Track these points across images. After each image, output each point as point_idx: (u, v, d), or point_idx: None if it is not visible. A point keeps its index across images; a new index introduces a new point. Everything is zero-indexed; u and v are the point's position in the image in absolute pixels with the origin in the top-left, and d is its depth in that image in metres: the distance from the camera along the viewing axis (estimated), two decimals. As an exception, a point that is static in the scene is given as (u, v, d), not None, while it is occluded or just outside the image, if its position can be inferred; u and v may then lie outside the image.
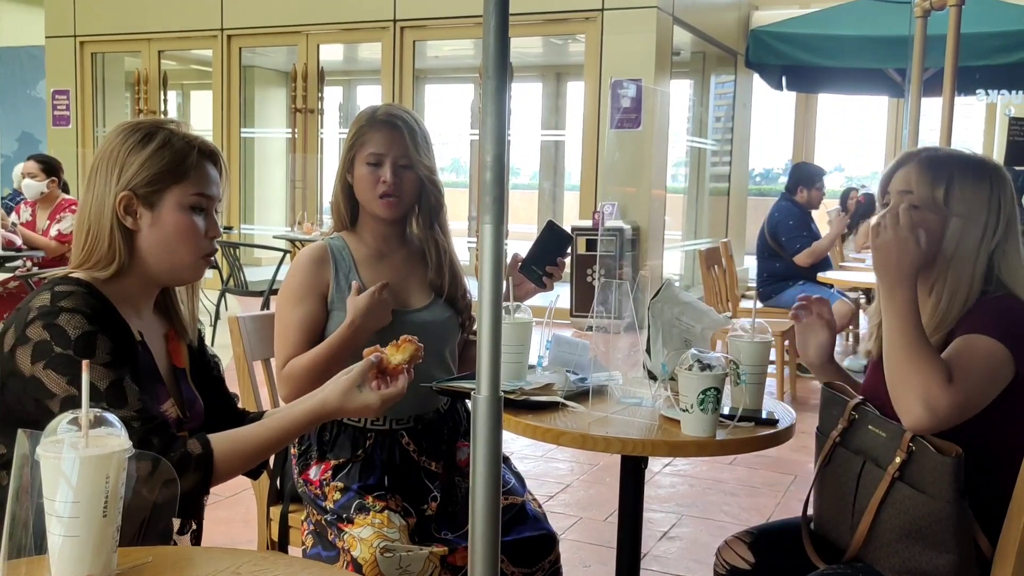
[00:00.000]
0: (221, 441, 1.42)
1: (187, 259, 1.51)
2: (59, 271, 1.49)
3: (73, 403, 1.32)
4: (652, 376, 1.93)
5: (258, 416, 1.60)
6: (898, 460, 1.57)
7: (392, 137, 2.02)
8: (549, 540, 2.04)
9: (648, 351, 1.94)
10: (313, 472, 2.00)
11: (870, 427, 1.66)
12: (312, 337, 2.00)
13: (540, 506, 2.13)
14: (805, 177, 6.06)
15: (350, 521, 1.87)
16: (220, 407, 1.66)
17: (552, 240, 2.04)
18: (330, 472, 1.98)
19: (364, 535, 1.82)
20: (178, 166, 1.48)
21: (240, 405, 1.75)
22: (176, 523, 1.49)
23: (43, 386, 1.36)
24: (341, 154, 2.09)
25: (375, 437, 2.01)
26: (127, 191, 1.46)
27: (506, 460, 2.10)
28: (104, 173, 1.48)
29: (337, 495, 1.94)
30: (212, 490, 1.44)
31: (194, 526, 1.59)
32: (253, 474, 1.60)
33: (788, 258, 5.83)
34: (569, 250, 2.11)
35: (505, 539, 1.94)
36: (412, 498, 1.99)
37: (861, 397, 1.72)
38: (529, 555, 2.00)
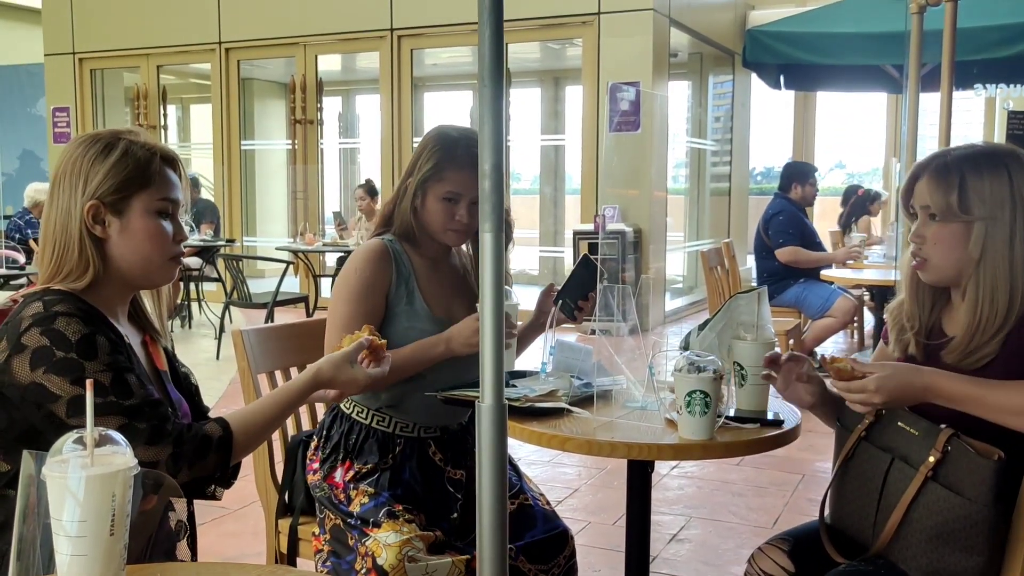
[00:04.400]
0: (235, 419, 1.50)
1: (157, 262, 1.53)
2: (34, 289, 1.48)
3: (80, 403, 1.31)
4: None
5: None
6: (932, 460, 1.53)
7: (472, 179, 2.01)
8: (562, 537, 2.08)
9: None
10: (338, 475, 2.01)
11: (900, 423, 1.62)
12: None
13: (548, 503, 2.15)
14: (798, 174, 6.08)
15: (377, 525, 1.88)
16: (195, 419, 1.66)
17: (586, 275, 2.06)
18: (356, 477, 1.99)
19: (391, 540, 1.83)
20: (143, 173, 1.50)
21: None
22: (172, 520, 1.49)
23: (45, 391, 1.36)
24: (412, 171, 2.05)
25: (404, 444, 2.03)
26: (94, 200, 1.47)
27: (510, 462, 2.11)
28: (68, 185, 1.48)
29: (365, 499, 1.95)
30: (220, 504, 1.45)
31: (188, 530, 1.59)
32: (225, 483, 1.58)
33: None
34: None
35: (517, 543, 1.97)
36: (439, 507, 2.01)
37: None
38: (544, 554, 2.04)
